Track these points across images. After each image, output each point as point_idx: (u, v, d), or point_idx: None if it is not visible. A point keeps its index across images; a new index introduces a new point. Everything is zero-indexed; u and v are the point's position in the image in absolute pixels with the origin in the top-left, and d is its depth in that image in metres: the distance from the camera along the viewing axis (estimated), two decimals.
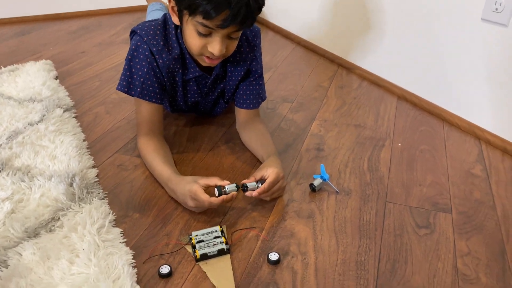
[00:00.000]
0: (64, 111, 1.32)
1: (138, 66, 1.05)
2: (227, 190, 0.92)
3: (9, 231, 0.85)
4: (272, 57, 1.89)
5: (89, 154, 1.14)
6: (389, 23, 1.54)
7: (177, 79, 1.12)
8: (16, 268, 0.77)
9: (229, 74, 1.16)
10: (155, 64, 1.06)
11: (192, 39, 0.97)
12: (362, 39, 1.68)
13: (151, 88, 1.07)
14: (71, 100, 1.42)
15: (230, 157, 1.16)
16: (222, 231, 0.89)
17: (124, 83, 1.07)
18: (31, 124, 1.22)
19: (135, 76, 1.06)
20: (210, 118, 1.35)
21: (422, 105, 1.45)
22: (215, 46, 0.94)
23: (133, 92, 1.07)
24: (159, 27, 1.06)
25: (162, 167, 1.00)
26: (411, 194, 1.04)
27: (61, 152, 1.10)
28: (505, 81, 1.19)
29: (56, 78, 1.60)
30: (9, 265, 0.78)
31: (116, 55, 1.86)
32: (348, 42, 1.76)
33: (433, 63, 1.40)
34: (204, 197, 0.89)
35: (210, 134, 1.27)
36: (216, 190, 0.91)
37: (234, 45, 1.00)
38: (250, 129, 1.17)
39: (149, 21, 1.09)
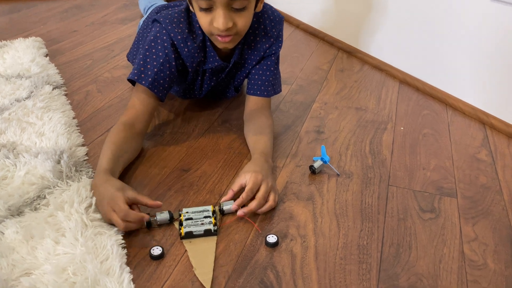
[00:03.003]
0: (54, 88, 1.26)
1: (154, 57, 1.00)
2: (157, 219, 0.81)
3: None
4: None
5: (79, 132, 1.09)
6: (392, 5, 1.48)
7: (198, 68, 1.08)
8: None
9: (242, 61, 1.12)
10: (173, 56, 1.00)
11: (200, 19, 0.93)
12: (364, 22, 1.63)
13: (161, 81, 1.01)
14: (61, 78, 1.36)
15: (227, 138, 1.12)
16: (214, 212, 0.84)
17: (135, 71, 1.00)
18: (18, 101, 1.17)
19: (149, 66, 1.00)
20: (208, 99, 1.29)
21: (425, 90, 1.40)
22: (218, 19, 0.89)
23: (143, 82, 0.99)
24: (182, 14, 1.01)
25: (107, 159, 0.87)
26: (415, 177, 1.00)
27: (49, 129, 1.05)
28: None
29: (46, 55, 1.54)
30: None
31: (109, 35, 1.80)
32: (349, 26, 1.71)
33: (437, 46, 1.36)
34: (124, 206, 0.76)
35: (206, 115, 1.22)
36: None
37: (243, 18, 0.92)
38: (253, 121, 1.07)
39: (172, 9, 1.03)
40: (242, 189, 0.87)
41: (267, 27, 1.07)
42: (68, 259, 0.70)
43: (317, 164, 0.99)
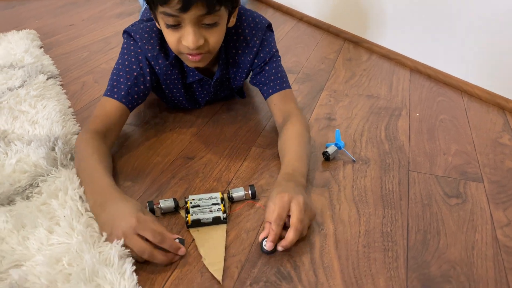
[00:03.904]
0: (48, 78, 1.19)
1: (127, 69, 0.92)
2: (162, 207, 0.74)
3: None
4: None
5: (75, 121, 1.02)
6: None
7: (178, 83, 1.00)
8: None
9: (232, 75, 1.03)
10: (147, 70, 0.93)
11: (167, 36, 0.85)
12: (370, 11, 1.57)
13: (135, 96, 0.92)
14: (56, 69, 1.30)
15: (232, 126, 1.05)
16: (222, 199, 0.77)
17: (109, 87, 0.91)
18: (10, 90, 1.10)
19: (121, 80, 0.91)
20: None
21: (437, 77, 1.34)
22: (187, 37, 0.80)
23: (115, 96, 0.90)
24: (154, 29, 0.93)
25: (103, 173, 0.74)
26: (436, 163, 0.93)
27: (42, 116, 0.98)
28: None
29: (41, 48, 1.48)
30: None
31: (106, 28, 1.73)
32: (354, 15, 1.65)
33: (448, 33, 1.29)
34: (159, 227, 0.65)
35: (209, 104, 1.15)
36: (147, 204, 0.74)
37: (215, 35, 0.84)
38: (282, 132, 0.91)
39: (145, 22, 0.95)
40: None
41: (248, 37, 0.97)
42: (63, 249, 0.63)
43: (331, 149, 0.92)
